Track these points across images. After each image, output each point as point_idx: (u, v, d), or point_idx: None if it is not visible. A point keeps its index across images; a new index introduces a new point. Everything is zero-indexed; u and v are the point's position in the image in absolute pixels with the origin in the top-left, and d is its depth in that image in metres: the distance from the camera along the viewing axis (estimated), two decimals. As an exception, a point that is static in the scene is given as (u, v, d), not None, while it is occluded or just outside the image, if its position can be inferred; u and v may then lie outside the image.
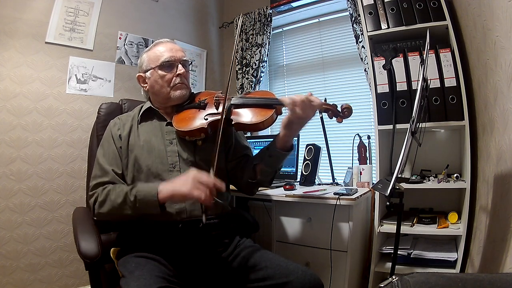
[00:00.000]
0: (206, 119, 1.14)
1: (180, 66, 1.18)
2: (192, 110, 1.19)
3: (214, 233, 1.12)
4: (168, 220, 1.08)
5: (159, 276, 0.93)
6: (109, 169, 1.11)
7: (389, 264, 1.54)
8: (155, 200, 0.99)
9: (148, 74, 1.20)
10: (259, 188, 1.32)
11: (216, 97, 1.20)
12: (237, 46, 2.58)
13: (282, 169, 1.66)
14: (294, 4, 2.35)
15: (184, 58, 1.20)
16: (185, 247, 1.08)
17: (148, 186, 1.03)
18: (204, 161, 1.16)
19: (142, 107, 1.25)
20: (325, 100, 1.13)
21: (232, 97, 1.18)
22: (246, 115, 1.14)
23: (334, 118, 1.14)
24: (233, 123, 1.14)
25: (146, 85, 1.22)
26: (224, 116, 1.08)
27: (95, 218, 1.10)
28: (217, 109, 1.17)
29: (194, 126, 1.13)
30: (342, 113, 1.12)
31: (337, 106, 1.14)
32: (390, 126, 1.53)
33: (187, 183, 0.96)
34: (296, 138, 1.97)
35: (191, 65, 1.28)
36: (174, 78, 1.17)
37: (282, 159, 1.16)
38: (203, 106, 1.19)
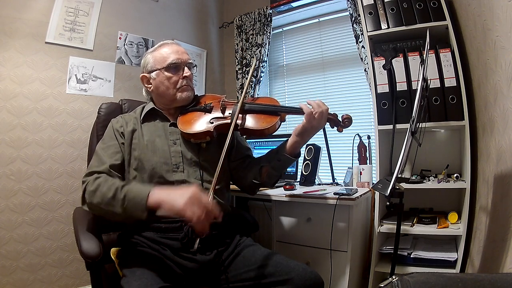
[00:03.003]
0: (212, 122, 1.16)
1: (186, 68, 1.19)
2: (197, 113, 1.20)
3: (215, 233, 1.12)
4: (169, 219, 1.08)
5: (160, 276, 0.93)
6: (107, 161, 1.08)
7: (389, 264, 1.54)
8: (143, 203, 0.92)
9: (153, 75, 1.20)
10: (260, 188, 1.34)
11: (222, 101, 1.22)
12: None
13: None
14: (294, 4, 2.35)
15: (190, 61, 1.22)
16: (187, 248, 1.08)
17: (140, 187, 0.97)
18: (208, 161, 1.17)
19: (143, 107, 1.25)
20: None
21: (238, 103, 1.19)
22: (252, 121, 1.17)
23: (335, 128, 1.19)
24: (238, 128, 1.16)
25: (150, 85, 1.22)
26: (234, 121, 1.10)
27: (85, 208, 1.04)
28: (223, 113, 1.19)
29: (200, 129, 1.14)
30: (342, 123, 1.18)
31: (337, 116, 1.18)
32: (390, 126, 1.53)
33: (183, 197, 0.88)
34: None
35: (195, 68, 1.29)
36: (181, 80, 1.18)
37: (290, 164, 1.19)
38: (208, 110, 1.21)
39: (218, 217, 0.93)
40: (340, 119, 1.17)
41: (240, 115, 1.16)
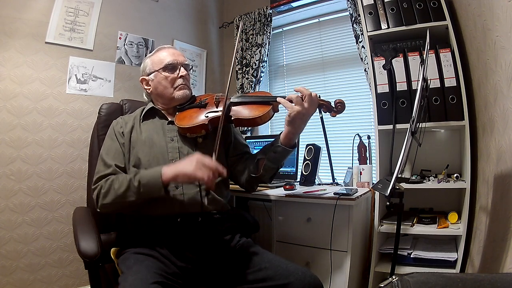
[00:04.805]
0: (207, 116, 1.19)
1: (182, 68, 1.25)
2: (194, 109, 1.25)
3: (214, 229, 1.13)
4: (167, 214, 1.09)
5: (156, 272, 0.94)
6: (112, 163, 1.13)
7: (389, 264, 1.54)
8: (159, 182, 1.01)
9: (152, 76, 1.25)
10: (259, 188, 1.34)
11: (216, 96, 1.25)
12: (237, 48, 2.58)
13: (282, 169, 1.66)
14: (294, 4, 2.35)
15: (186, 62, 1.28)
16: (185, 244, 1.08)
17: (151, 170, 1.06)
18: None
19: (144, 108, 1.28)
20: (319, 96, 1.16)
21: (231, 96, 1.23)
22: (244, 111, 1.19)
23: (328, 113, 1.20)
24: (232, 119, 1.18)
25: (149, 87, 1.27)
26: (225, 110, 1.13)
27: (98, 210, 1.11)
28: (217, 107, 1.22)
29: (195, 123, 1.17)
30: (335, 108, 1.18)
31: (330, 103, 1.19)
32: (390, 126, 1.54)
33: (191, 164, 0.99)
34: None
35: (191, 69, 1.35)
36: (177, 79, 1.24)
37: (286, 155, 1.18)
38: (204, 105, 1.25)
39: (222, 173, 1.02)
40: (333, 105, 1.18)
41: (233, 107, 1.19)
